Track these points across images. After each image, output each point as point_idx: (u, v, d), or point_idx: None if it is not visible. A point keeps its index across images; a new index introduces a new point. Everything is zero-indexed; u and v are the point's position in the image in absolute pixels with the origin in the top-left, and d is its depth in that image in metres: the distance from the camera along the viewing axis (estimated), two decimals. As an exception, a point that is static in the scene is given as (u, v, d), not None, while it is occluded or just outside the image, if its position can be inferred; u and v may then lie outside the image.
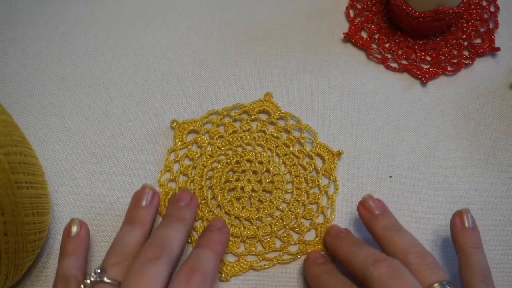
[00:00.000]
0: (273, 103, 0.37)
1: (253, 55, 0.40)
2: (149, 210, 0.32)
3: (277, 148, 0.36)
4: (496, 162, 0.36)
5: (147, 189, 0.33)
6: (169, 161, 0.36)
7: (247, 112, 0.37)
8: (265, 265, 0.33)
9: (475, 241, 0.30)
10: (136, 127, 0.38)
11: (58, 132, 0.37)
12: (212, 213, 0.35)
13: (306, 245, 0.34)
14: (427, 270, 0.28)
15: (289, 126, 0.37)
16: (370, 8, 0.41)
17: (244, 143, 0.36)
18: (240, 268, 0.33)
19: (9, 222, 0.27)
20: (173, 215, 0.32)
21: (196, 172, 0.36)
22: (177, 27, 0.41)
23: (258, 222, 0.34)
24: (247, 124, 0.37)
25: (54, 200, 0.35)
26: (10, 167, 0.27)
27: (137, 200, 0.33)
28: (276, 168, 0.36)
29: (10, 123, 0.30)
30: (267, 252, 0.34)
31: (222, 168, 0.36)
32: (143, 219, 0.32)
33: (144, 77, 0.39)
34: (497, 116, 0.38)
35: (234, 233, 0.34)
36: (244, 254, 0.34)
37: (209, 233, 0.32)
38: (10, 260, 0.29)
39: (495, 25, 0.40)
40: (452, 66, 0.39)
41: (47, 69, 0.40)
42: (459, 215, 0.32)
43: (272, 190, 0.35)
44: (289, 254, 0.34)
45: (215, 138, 0.37)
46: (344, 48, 0.40)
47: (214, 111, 0.37)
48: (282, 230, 0.34)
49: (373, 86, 0.39)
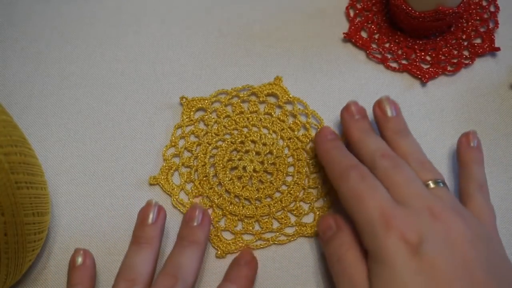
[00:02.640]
0: (282, 86, 0.38)
1: (253, 54, 0.40)
2: (155, 228, 0.32)
3: (282, 131, 0.37)
4: (496, 162, 0.36)
5: (152, 206, 0.32)
6: (175, 136, 0.37)
7: (255, 94, 0.38)
8: (261, 245, 0.34)
9: (477, 158, 0.33)
10: (136, 127, 0.38)
11: (58, 132, 0.37)
12: (212, 190, 0.35)
13: (302, 227, 0.34)
14: (425, 171, 0.30)
15: (296, 111, 0.37)
16: (370, 8, 0.41)
17: (250, 124, 0.37)
18: (236, 246, 0.34)
19: (9, 222, 0.27)
20: (186, 238, 0.32)
21: (200, 149, 0.36)
22: (177, 27, 0.41)
23: (257, 202, 0.35)
24: (254, 105, 0.37)
25: (54, 200, 0.35)
26: (10, 167, 0.27)
27: (142, 218, 0.32)
28: (279, 150, 0.36)
29: (10, 123, 0.30)
30: (263, 232, 0.34)
31: (226, 147, 0.36)
32: (150, 238, 0.31)
33: (144, 77, 0.39)
34: (497, 116, 0.38)
35: (232, 211, 0.34)
36: (241, 233, 0.34)
37: (238, 267, 0.32)
38: (10, 260, 0.29)
39: (495, 25, 0.40)
40: (452, 66, 0.39)
41: (47, 69, 0.40)
42: (466, 135, 0.34)
43: (274, 172, 0.35)
44: (286, 235, 0.34)
45: (222, 117, 0.37)
46: (344, 48, 0.40)
47: (223, 91, 0.38)
48: (280, 212, 0.35)
49: (373, 86, 0.39)
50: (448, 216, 0.27)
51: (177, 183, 0.36)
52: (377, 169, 0.30)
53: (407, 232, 0.26)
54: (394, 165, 0.30)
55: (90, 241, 0.34)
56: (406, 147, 0.32)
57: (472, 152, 0.34)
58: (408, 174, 0.30)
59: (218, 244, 0.34)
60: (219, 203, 0.35)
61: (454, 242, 0.26)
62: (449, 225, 0.27)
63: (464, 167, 0.33)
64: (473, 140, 0.34)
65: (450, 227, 0.27)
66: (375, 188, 0.29)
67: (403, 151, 0.32)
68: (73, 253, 0.33)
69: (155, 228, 0.32)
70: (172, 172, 0.36)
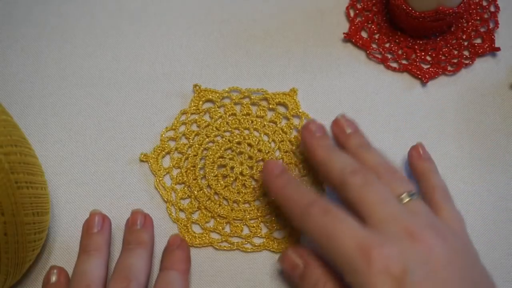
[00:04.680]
0: (295, 99, 0.38)
1: (253, 55, 0.40)
2: (102, 235, 0.32)
3: (281, 143, 0.36)
4: (496, 162, 0.36)
5: (96, 215, 0.33)
6: (178, 120, 0.37)
7: (267, 100, 0.38)
8: (225, 247, 0.34)
9: (432, 167, 0.33)
10: (136, 126, 0.38)
11: (58, 132, 0.37)
12: (196, 181, 0.35)
13: (270, 241, 0.34)
14: (396, 182, 0.29)
15: (301, 126, 0.37)
16: (370, 8, 0.41)
17: (252, 128, 0.37)
18: (201, 241, 0.34)
19: (9, 222, 0.27)
20: (132, 241, 0.32)
21: (197, 139, 0.36)
22: (177, 27, 0.41)
23: (235, 205, 0.35)
24: (263, 111, 0.37)
25: (54, 200, 0.35)
26: (10, 167, 0.27)
27: (88, 228, 0.32)
28: (270, 153, 0.36)
29: (10, 123, 0.30)
30: (232, 236, 0.34)
31: (222, 144, 0.36)
32: (98, 245, 0.32)
33: (144, 77, 0.39)
34: (497, 116, 0.38)
35: (208, 207, 0.34)
36: (210, 230, 0.34)
37: (171, 254, 0.32)
38: (10, 260, 0.29)
39: (495, 25, 0.40)
40: (452, 66, 0.39)
41: (47, 69, 0.40)
42: (415, 148, 0.34)
43: (259, 179, 0.35)
44: (252, 244, 0.34)
45: (228, 114, 0.37)
46: (344, 48, 0.40)
47: (237, 89, 0.38)
48: (254, 220, 0.34)
49: (373, 86, 0.39)
50: (427, 236, 0.26)
51: (166, 166, 0.36)
52: (348, 188, 0.29)
53: (390, 264, 0.25)
54: (366, 182, 0.28)
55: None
56: (373, 159, 0.31)
57: (426, 162, 0.33)
58: (381, 191, 0.28)
59: (185, 234, 0.34)
60: (198, 195, 0.35)
61: (436, 265, 0.26)
62: (429, 246, 0.26)
63: (423, 177, 0.33)
64: (424, 152, 0.34)
65: (430, 249, 0.26)
66: (343, 219, 0.27)
67: (370, 163, 0.31)
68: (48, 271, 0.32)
69: (102, 236, 0.32)
70: (163, 154, 0.36)
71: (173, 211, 0.35)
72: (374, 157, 0.31)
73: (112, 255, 0.33)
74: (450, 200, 0.31)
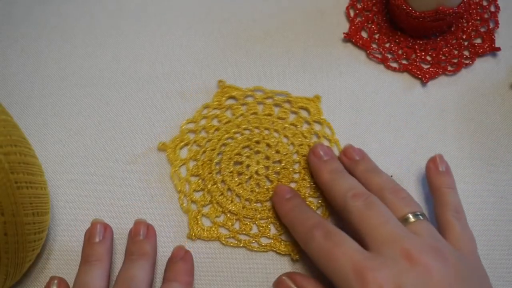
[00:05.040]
0: (318, 106, 0.37)
1: (253, 55, 0.40)
2: (104, 245, 0.32)
3: (300, 146, 0.36)
4: (496, 162, 0.36)
5: (98, 225, 0.33)
6: (199, 113, 0.37)
7: (290, 102, 0.38)
8: (231, 243, 0.34)
9: (449, 182, 0.33)
10: (136, 126, 0.38)
11: (58, 132, 0.37)
12: (211, 175, 0.35)
13: (277, 243, 0.34)
14: (401, 203, 0.30)
15: (321, 133, 0.37)
16: (370, 8, 0.41)
17: (273, 128, 0.37)
18: (208, 234, 0.34)
19: (9, 222, 0.27)
20: (134, 252, 0.32)
21: (217, 134, 0.36)
22: (177, 27, 0.41)
23: (246, 203, 0.35)
24: (284, 113, 0.37)
25: (54, 200, 0.35)
26: (10, 167, 0.27)
27: (89, 237, 0.32)
28: (289, 163, 0.36)
29: (9, 122, 0.30)
30: (240, 233, 0.34)
31: (241, 141, 0.36)
32: (99, 255, 0.31)
33: (144, 77, 0.39)
34: (498, 116, 0.38)
35: (220, 202, 0.35)
36: (219, 224, 0.34)
37: (174, 265, 0.32)
38: (10, 260, 0.29)
39: (496, 25, 0.40)
40: (452, 66, 0.39)
41: (47, 69, 0.40)
42: (433, 160, 0.34)
43: (274, 180, 0.35)
44: (259, 244, 0.34)
45: (249, 112, 0.37)
46: (344, 48, 0.40)
47: (261, 88, 0.38)
48: (264, 220, 0.34)
49: (373, 86, 0.39)
50: (426, 259, 0.26)
51: (183, 157, 0.36)
52: (349, 211, 0.29)
53: (384, 285, 0.25)
54: (367, 205, 0.29)
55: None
56: (380, 181, 0.31)
57: (443, 177, 0.33)
58: (382, 213, 0.28)
59: (193, 226, 0.34)
60: (211, 189, 0.35)
61: (434, 287, 0.25)
62: (428, 269, 0.26)
63: (438, 193, 0.32)
64: (441, 165, 0.34)
65: (430, 272, 0.26)
66: (343, 242, 0.28)
67: (376, 184, 0.31)
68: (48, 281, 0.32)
69: (103, 245, 0.32)
70: (181, 145, 0.36)
71: (185, 202, 0.35)
72: (381, 179, 0.32)
73: (114, 263, 0.33)
74: (462, 218, 0.31)
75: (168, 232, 0.34)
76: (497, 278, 0.32)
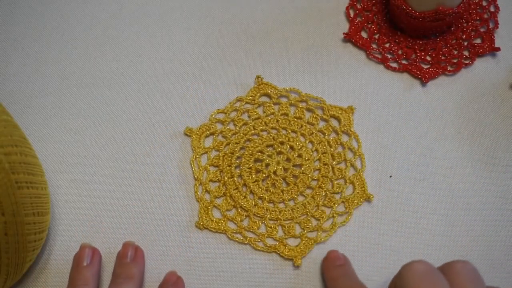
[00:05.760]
0: (349, 117, 0.37)
1: (253, 55, 0.40)
2: (91, 269, 0.32)
3: (323, 154, 0.36)
4: (496, 162, 0.36)
5: (86, 249, 0.33)
6: (231, 105, 0.38)
7: (322, 109, 0.38)
8: (237, 238, 0.34)
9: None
10: (136, 127, 0.38)
11: (58, 132, 0.37)
12: (229, 168, 0.36)
13: (282, 246, 0.34)
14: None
15: (347, 144, 0.36)
16: (370, 8, 0.41)
17: (300, 132, 0.37)
18: (216, 226, 0.34)
19: (9, 222, 0.27)
20: (121, 275, 0.31)
21: (244, 129, 0.37)
22: (177, 27, 0.41)
23: (259, 201, 0.35)
24: (315, 119, 0.37)
25: (54, 200, 0.35)
26: (10, 167, 0.27)
27: (78, 261, 0.32)
28: (309, 169, 0.35)
29: (10, 122, 0.30)
30: (247, 230, 0.34)
31: (264, 140, 0.36)
32: (86, 279, 0.31)
33: (144, 77, 0.39)
34: (497, 116, 0.38)
35: (234, 195, 0.35)
36: (228, 218, 0.34)
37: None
38: (10, 260, 0.29)
39: (495, 25, 0.40)
40: (452, 66, 0.39)
41: (47, 69, 0.40)
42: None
43: (291, 183, 0.35)
44: (264, 244, 0.34)
45: (280, 112, 0.37)
46: (344, 48, 0.40)
47: (296, 91, 0.38)
48: (273, 221, 0.35)
49: (373, 86, 0.39)
50: None
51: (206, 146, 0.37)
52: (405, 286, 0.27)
53: None
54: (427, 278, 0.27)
55: (90, 241, 0.34)
56: None
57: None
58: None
59: (203, 215, 0.34)
60: (228, 182, 0.35)
61: None
62: None
63: None
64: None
65: None
66: None
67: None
68: None
69: (91, 269, 0.32)
70: (207, 134, 0.37)
71: (199, 190, 0.35)
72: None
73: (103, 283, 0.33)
74: None
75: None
76: (497, 278, 0.32)
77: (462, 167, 0.36)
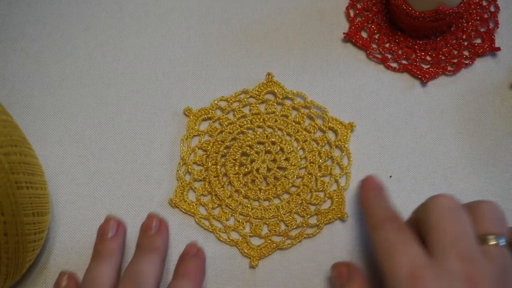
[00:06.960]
0: (347, 133, 0.37)
1: (253, 55, 0.40)
2: (116, 241, 0.32)
3: (310, 164, 0.36)
4: (496, 162, 0.36)
5: (112, 221, 0.33)
6: (236, 95, 0.38)
7: (322, 119, 0.37)
8: (203, 225, 0.34)
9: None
10: (136, 127, 0.38)
11: (58, 132, 0.37)
12: (217, 155, 0.36)
13: (244, 244, 0.34)
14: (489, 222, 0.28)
15: (337, 159, 0.36)
16: (370, 8, 0.41)
17: (294, 137, 0.37)
18: (187, 207, 0.35)
19: (9, 222, 0.27)
20: (145, 246, 0.31)
21: (240, 121, 0.37)
22: (177, 27, 0.41)
23: (235, 194, 0.35)
24: (313, 127, 0.37)
25: (54, 200, 0.35)
26: (10, 167, 0.27)
27: (102, 233, 0.32)
28: (292, 174, 0.35)
29: (10, 123, 0.30)
30: (216, 219, 0.34)
31: (258, 136, 0.36)
32: (111, 250, 0.31)
33: (144, 77, 0.39)
34: (497, 116, 0.38)
35: (212, 182, 0.35)
36: (201, 203, 0.35)
37: (186, 262, 0.32)
38: (10, 260, 0.29)
39: (495, 25, 0.40)
40: (452, 66, 0.39)
41: (47, 69, 0.40)
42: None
43: (270, 184, 0.35)
44: (228, 237, 0.34)
45: (281, 113, 0.37)
46: (344, 48, 0.40)
47: (303, 95, 0.38)
48: (243, 216, 0.35)
49: (373, 86, 0.39)
50: (486, 286, 0.25)
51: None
52: (430, 208, 0.28)
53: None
54: (450, 208, 0.27)
55: (90, 241, 0.34)
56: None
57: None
58: (462, 223, 0.27)
59: (178, 194, 0.35)
60: (210, 168, 0.36)
61: None
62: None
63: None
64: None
65: None
66: (408, 242, 0.27)
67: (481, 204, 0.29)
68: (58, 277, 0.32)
69: (116, 241, 0.32)
70: (204, 117, 0.37)
71: (182, 169, 0.35)
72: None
73: (125, 258, 0.33)
74: None
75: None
76: (497, 278, 0.32)
77: (462, 167, 0.36)
